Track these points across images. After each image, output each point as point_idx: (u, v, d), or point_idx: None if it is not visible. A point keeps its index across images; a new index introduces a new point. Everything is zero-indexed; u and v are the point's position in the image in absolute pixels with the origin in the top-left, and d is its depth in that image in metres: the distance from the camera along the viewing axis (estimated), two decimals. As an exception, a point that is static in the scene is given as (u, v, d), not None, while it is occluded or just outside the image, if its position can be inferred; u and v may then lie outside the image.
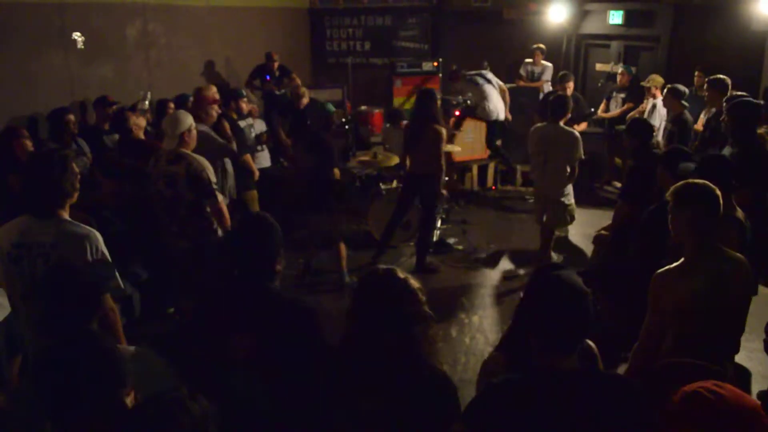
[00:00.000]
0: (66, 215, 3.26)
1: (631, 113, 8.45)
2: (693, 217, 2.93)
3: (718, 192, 2.94)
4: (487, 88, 8.95)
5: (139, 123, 5.89)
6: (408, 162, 6.65)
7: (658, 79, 8.06)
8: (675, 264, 2.97)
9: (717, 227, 3.01)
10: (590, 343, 2.43)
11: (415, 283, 2.29)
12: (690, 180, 3.09)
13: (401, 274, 2.29)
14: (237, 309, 2.55)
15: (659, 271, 2.99)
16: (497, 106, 8.99)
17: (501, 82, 9.24)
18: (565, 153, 6.02)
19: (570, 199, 6.31)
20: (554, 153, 6.06)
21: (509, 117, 9.21)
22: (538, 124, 6.36)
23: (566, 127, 6.14)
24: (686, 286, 2.90)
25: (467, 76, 9.25)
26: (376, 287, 2.28)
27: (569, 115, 6.35)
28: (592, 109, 9.12)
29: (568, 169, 6.09)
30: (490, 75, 9.15)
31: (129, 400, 1.84)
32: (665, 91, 6.92)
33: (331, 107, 7.17)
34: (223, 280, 2.85)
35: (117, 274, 3.30)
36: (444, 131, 6.43)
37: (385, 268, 2.35)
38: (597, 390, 2.00)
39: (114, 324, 3.26)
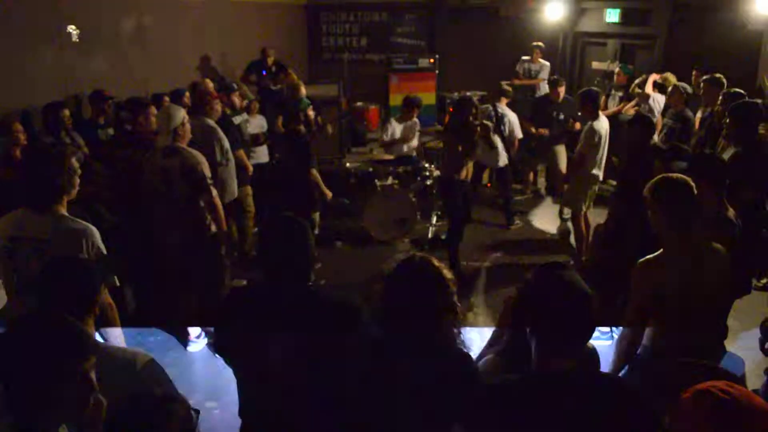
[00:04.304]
0: (63, 210, 3.25)
1: (628, 106, 8.46)
2: (669, 211, 3.02)
3: (693, 184, 3.01)
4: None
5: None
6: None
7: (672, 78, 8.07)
8: (655, 254, 3.06)
9: (696, 220, 3.07)
10: (591, 343, 2.41)
11: (448, 273, 2.29)
12: (666, 175, 3.17)
13: (436, 263, 2.30)
14: (279, 311, 2.49)
15: (640, 260, 3.07)
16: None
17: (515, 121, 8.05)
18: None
19: None
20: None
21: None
22: (594, 123, 6.45)
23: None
24: (663, 274, 2.98)
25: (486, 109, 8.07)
26: (411, 273, 2.28)
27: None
28: None
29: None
30: (503, 108, 7.98)
31: (93, 376, 1.81)
32: (671, 87, 6.92)
33: (306, 101, 6.96)
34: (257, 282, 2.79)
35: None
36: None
37: (422, 256, 2.35)
38: (597, 392, 1.99)
39: (112, 321, 3.24)
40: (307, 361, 2.42)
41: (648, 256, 3.06)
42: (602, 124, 6.54)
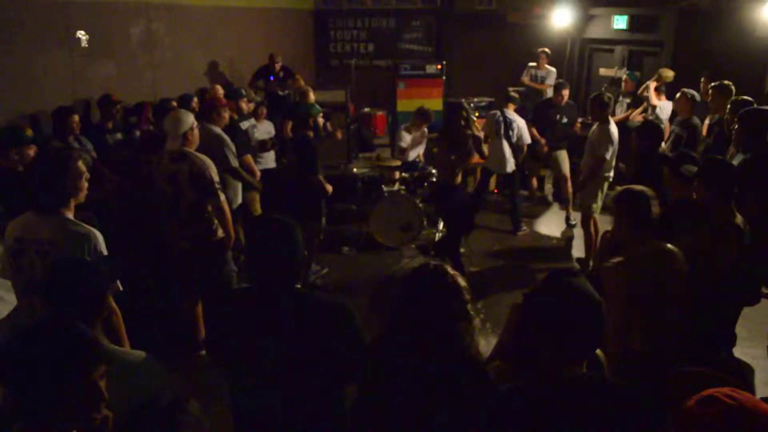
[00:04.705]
0: (69, 214, 3.28)
1: (635, 113, 8.45)
2: (630, 218, 3.30)
3: (652, 194, 3.27)
4: (502, 137, 7.84)
5: None
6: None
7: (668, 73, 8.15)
8: (618, 258, 3.28)
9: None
10: (597, 350, 2.41)
11: (462, 281, 2.30)
12: (628, 186, 3.43)
13: (451, 271, 2.30)
14: (269, 313, 2.47)
15: (605, 264, 3.34)
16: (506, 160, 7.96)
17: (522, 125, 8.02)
18: None
19: None
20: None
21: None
22: (609, 125, 6.60)
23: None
24: (635, 274, 3.19)
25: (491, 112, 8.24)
26: (426, 281, 2.28)
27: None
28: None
29: None
30: (511, 114, 7.96)
31: (103, 384, 1.80)
32: (679, 94, 6.90)
33: (318, 108, 7.05)
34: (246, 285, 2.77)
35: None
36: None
37: (436, 264, 2.35)
38: (604, 397, 1.99)
39: (117, 326, 3.25)
40: (297, 364, 2.41)
41: (613, 260, 3.29)
42: (614, 127, 6.67)
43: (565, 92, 8.26)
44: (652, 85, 8.12)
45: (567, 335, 1.98)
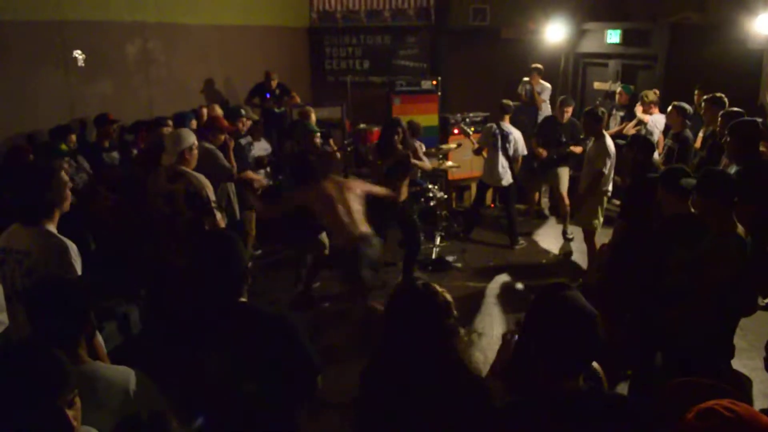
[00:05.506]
0: (51, 226, 3.30)
1: (629, 126, 8.49)
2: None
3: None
4: (499, 149, 7.91)
5: None
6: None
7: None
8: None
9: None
10: (594, 364, 2.41)
11: (449, 297, 2.31)
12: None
13: (438, 288, 2.32)
14: (212, 327, 2.48)
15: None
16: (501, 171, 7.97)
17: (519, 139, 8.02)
18: None
19: None
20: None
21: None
22: (606, 140, 6.69)
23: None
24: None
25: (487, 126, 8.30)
26: (416, 300, 2.29)
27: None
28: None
29: None
30: (507, 126, 8.01)
31: (72, 412, 1.76)
32: (670, 107, 6.94)
33: (313, 126, 7.13)
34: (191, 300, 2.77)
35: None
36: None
37: (423, 282, 2.36)
38: (602, 411, 1.98)
39: (96, 343, 3.24)
40: (242, 378, 2.40)
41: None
42: (610, 141, 6.73)
43: (568, 110, 8.18)
44: (639, 110, 8.25)
45: (562, 349, 1.98)
